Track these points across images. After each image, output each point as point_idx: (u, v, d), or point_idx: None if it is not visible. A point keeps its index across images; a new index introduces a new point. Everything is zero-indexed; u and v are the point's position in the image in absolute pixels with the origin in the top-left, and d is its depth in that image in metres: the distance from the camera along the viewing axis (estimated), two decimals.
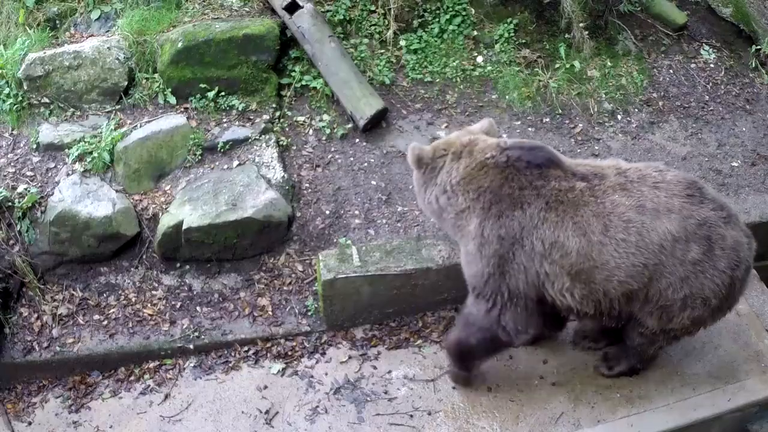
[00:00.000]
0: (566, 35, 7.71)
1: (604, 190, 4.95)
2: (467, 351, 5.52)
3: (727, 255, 4.90)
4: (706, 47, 8.13)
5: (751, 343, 5.89)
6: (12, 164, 6.77)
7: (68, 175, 6.65)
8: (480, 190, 5.06)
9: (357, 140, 7.06)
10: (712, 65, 8.03)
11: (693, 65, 7.98)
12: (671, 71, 7.89)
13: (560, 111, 7.37)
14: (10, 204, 6.45)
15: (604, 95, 7.56)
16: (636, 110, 7.55)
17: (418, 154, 5.27)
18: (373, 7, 7.56)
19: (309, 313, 6.25)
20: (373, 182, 6.82)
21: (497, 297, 5.15)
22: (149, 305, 6.35)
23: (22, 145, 6.90)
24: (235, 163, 6.73)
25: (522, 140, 5.25)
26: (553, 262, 4.98)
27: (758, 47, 8.15)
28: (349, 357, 6.03)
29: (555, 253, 4.96)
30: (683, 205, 4.87)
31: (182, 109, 6.98)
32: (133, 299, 6.39)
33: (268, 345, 6.16)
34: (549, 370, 5.83)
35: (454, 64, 7.50)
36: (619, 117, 7.45)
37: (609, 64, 7.75)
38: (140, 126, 6.84)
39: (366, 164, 6.92)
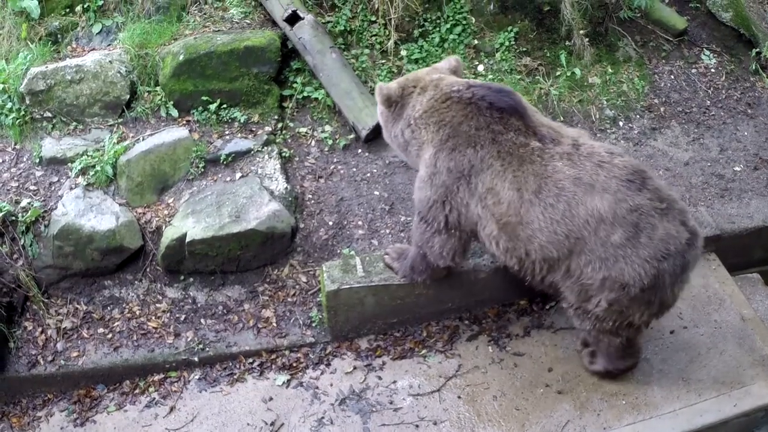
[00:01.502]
0: (567, 42, 7.73)
1: (552, 154, 5.03)
2: (414, 264, 5.86)
3: (653, 245, 4.88)
4: (707, 52, 8.14)
5: (756, 347, 5.87)
6: (15, 178, 6.78)
7: (71, 188, 6.66)
8: (441, 123, 5.23)
9: (359, 151, 7.08)
10: (712, 70, 8.04)
11: (694, 70, 7.99)
12: (672, 77, 7.89)
13: (562, 118, 7.37)
14: (13, 218, 6.45)
15: (605, 102, 7.56)
16: (637, 116, 7.56)
17: (386, 94, 5.45)
18: (373, 18, 7.58)
19: (313, 324, 6.25)
20: (376, 192, 6.82)
21: (434, 222, 5.39)
22: (153, 318, 6.35)
23: (25, 159, 6.91)
24: (238, 175, 6.74)
25: (488, 83, 5.33)
26: (486, 207, 5.14)
27: (758, 51, 8.14)
28: (354, 368, 6.02)
29: (489, 199, 5.11)
30: (620, 188, 4.89)
31: (184, 122, 7.00)
32: (138, 312, 6.39)
33: (273, 356, 6.15)
34: (554, 378, 5.82)
35: None
36: (620, 123, 7.45)
37: (610, 70, 7.75)
38: (143, 139, 6.85)
39: (368, 174, 6.93)
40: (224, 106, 7.04)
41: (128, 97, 7.04)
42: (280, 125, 7.09)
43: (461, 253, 5.62)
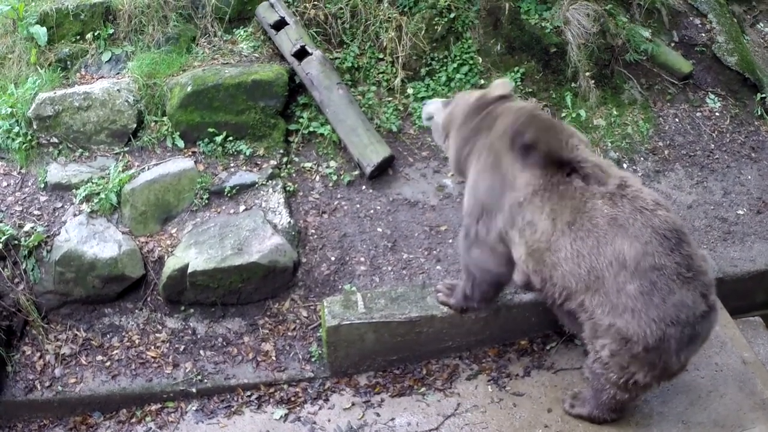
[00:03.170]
0: (572, 84, 7.77)
1: (594, 193, 5.02)
2: (466, 290, 5.89)
3: (665, 308, 4.84)
4: (712, 96, 8.17)
5: (757, 391, 5.82)
6: (19, 203, 6.80)
7: (75, 215, 6.67)
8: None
9: (363, 187, 7.09)
10: (717, 113, 8.07)
11: (698, 114, 8.02)
12: (677, 120, 7.93)
13: None
14: (16, 242, 6.46)
15: (610, 144, 7.59)
16: (642, 159, 7.58)
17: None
18: (381, 55, 7.65)
19: (313, 359, 6.23)
20: (379, 229, 6.83)
21: (471, 232, 5.53)
22: (153, 347, 6.34)
23: (29, 184, 6.93)
24: (242, 207, 6.76)
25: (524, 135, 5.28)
26: (523, 234, 5.19)
27: (763, 95, 8.20)
28: (353, 404, 5.99)
29: (527, 230, 5.16)
30: (651, 240, 4.85)
31: (190, 153, 7.03)
32: (137, 341, 6.38)
33: (271, 390, 6.12)
34: (553, 419, 5.78)
35: None
36: (624, 166, 7.45)
37: (615, 112, 7.79)
38: (148, 168, 6.88)
39: (372, 211, 6.94)
40: (230, 138, 7.07)
41: (135, 126, 7.08)
42: (285, 159, 7.12)
43: (502, 265, 5.61)
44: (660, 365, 5.05)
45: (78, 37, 7.63)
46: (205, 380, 6.16)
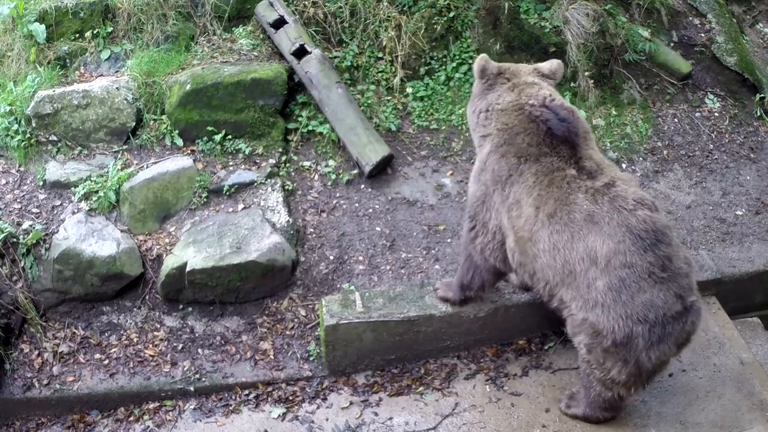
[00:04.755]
0: (572, 84, 7.76)
1: (580, 186, 5.08)
2: (463, 279, 5.94)
3: (632, 306, 4.89)
4: (711, 96, 8.18)
5: (755, 392, 5.84)
6: (18, 200, 6.80)
7: (73, 213, 6.68)
8: (506, 127, 5.36)
9: (362, 186, 7.10)
10: (716, 114, 8.08)
11: (697, 114, 8.03)
12: (676, 120, 7.93)
13: None
14: (14, 240, 6.47)
15: (609, 144, 7.59)
16: (641, 159, 7.58)
17: (483, 66, 5.62)
18: (380, 54, 7.66)
19: (311, 358, 6.23)
20: (378, 228, 6.84)
21: (476, 220, 5.59)
22: (151, 346, 6.34)
23: (28, 181, 6.94)
24: (240, 206, 6.76)
25: (563, 106, 5.35)
26: (510, 218, 5.26)
27: (762, 96, 8.20)
28: (351, 403, 5.99)
29: (514, 211, 5.23)
30: (624, 239, 4.89)
31: (189, 151, 7.04)
32: (135, 339, 6.38)
33: (269, 389, 6.12)
34: (551, 419, 5.78)
35: (460, 111, 7.51)
36: (623, 166, 7.47)
37: (614, 112, 7.79)
38: (147, 167, 6.89)
39: (371, 210, 6.95)
40: (229, 137, 7.08)
41: (134, 124, 7.08)
42: (284, 158, 7.12)
43: (503, 260, 5.61)
44: (632, 362, 5.07)
45: (77, 35, 7.62)
46: (203, 379, 6.16)
